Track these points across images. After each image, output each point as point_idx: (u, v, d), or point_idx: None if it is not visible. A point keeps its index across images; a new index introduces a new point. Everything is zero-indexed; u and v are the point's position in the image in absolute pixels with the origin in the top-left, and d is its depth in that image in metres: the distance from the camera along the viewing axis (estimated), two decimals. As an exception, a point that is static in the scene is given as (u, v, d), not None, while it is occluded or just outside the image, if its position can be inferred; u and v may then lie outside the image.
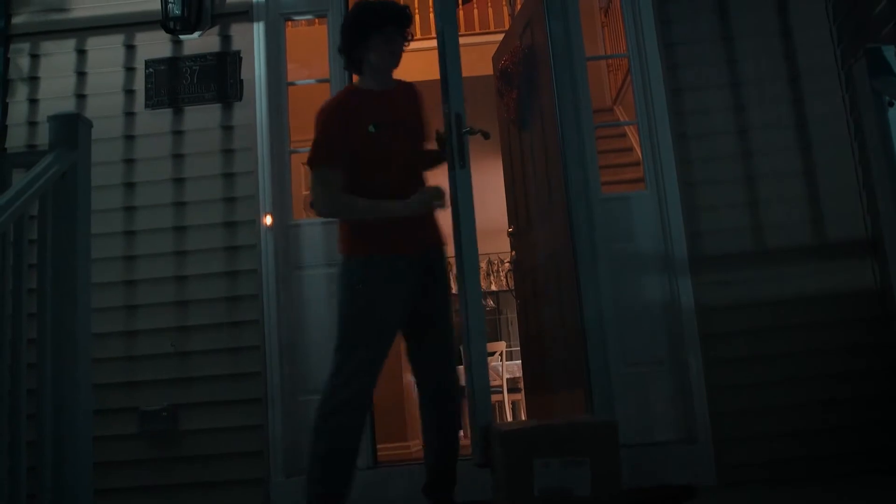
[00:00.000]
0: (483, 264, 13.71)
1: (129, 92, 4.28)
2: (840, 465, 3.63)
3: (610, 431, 2.79)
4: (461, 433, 3.28)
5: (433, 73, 8.20)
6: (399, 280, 2.98)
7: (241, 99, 4.23)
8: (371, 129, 3.01)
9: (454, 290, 3.34)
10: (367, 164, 3.00)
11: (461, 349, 3.35)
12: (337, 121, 3.01)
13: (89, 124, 2.47)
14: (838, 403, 3.72)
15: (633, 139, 6.65)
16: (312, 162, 3.01)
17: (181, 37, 4.28)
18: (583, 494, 2.64)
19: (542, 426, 2.82)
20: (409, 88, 3.30)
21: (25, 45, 4.33)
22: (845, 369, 3.75)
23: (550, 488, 2.61)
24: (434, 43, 8.24)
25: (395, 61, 3.17)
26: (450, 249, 3.14)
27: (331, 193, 2.96)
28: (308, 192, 3.05)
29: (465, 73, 8.29)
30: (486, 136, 3.30)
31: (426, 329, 3.09)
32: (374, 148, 3.01)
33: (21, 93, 4.28)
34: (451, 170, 3.23)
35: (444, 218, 3.15)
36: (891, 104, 2.31)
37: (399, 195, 3.00)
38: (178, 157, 4.19)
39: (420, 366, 3.12)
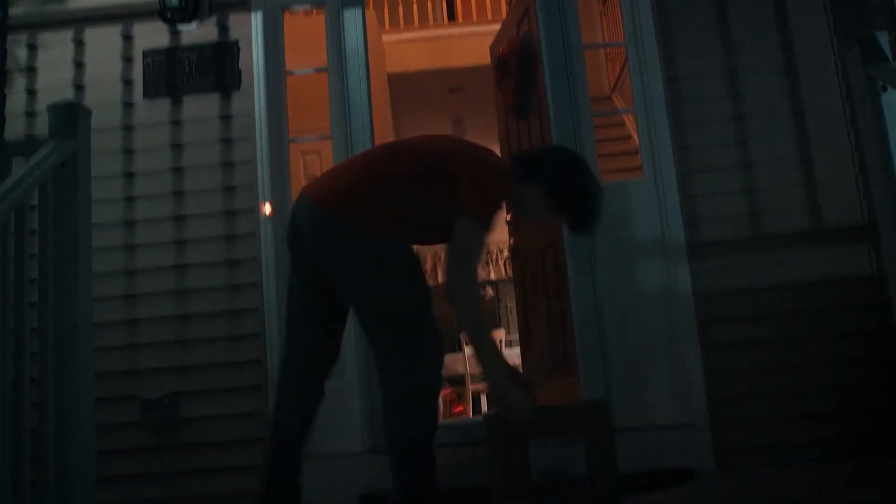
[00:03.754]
0: (482, 253, 13.73)
1: (128, 82, 4.29)
2: (837, 449, 3.65)
3: (603, 411, 2.83)
4: None
5: (431, 61, 8.23)
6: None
7: (239, 89, 4.24)
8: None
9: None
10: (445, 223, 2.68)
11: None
12: (506, 193, 2.76)
13: (89, 113, 2.48)
14: (836, 388, 3.74)
15: (632, 127, 6.66)
16: (482, 223, 2.63)
17: (179, 27, 4.28)
18: (579, 473, 2.67)
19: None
20: None
21: (23, 36, 4.32)
22: (843, 354, 3.77)
23: (547, 468, 2.64)
24: (437, 32, 8.33)
25: (525, 219, 3.01)
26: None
27: (476, 280, 2.69)
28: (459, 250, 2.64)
29: (462, 63, 8.35)
30: None
31: None
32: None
33: (19, 84, 4.28)
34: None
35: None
36: (884, 89, 2.33)
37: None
38: (176, 147, 4.20)
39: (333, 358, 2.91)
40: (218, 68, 4.24)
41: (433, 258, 10.47)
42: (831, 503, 2.72)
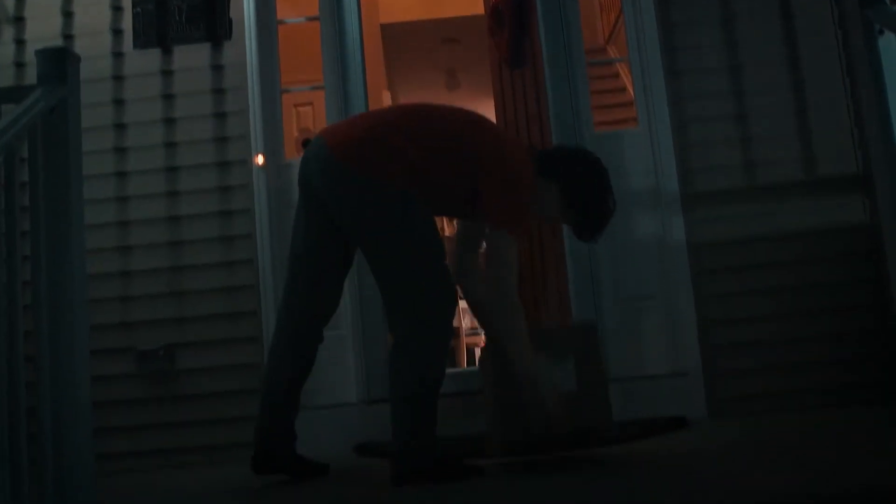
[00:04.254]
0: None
1: (117, 32, 4.23)
2: (829, 397, 3.68)
3: (590, 331, 2.86)
4: None
5: (424, 11, 8.13)
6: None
7: (230, 38, 4.18)
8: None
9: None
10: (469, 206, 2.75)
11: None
12: (531, 195, 2.76)
13: (78, 59, 2.44)
14: (828, 337, 3.76)
15: (627, 79, 6.61)
16: (513, 230, 2.67)
17: (168, -25, 4.22)
18: (569, 389, 2.69)
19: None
20: None
21: (10, -15, 4.26)
22: (836, 304, 3.78)
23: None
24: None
25: (542, 216, 2.98)
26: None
27: (519, 303, 2.66)
28: (494, 257, 2.66)
29: (456, 13, 8.21)
30: None
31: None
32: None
33: (7, 34, 4.22)
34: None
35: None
36: (881, 32, 2.31)
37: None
38: (168, 98, 4.15)
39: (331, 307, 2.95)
40: (208, 17, 4.18)
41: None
42: (819, 448, 2.74)
